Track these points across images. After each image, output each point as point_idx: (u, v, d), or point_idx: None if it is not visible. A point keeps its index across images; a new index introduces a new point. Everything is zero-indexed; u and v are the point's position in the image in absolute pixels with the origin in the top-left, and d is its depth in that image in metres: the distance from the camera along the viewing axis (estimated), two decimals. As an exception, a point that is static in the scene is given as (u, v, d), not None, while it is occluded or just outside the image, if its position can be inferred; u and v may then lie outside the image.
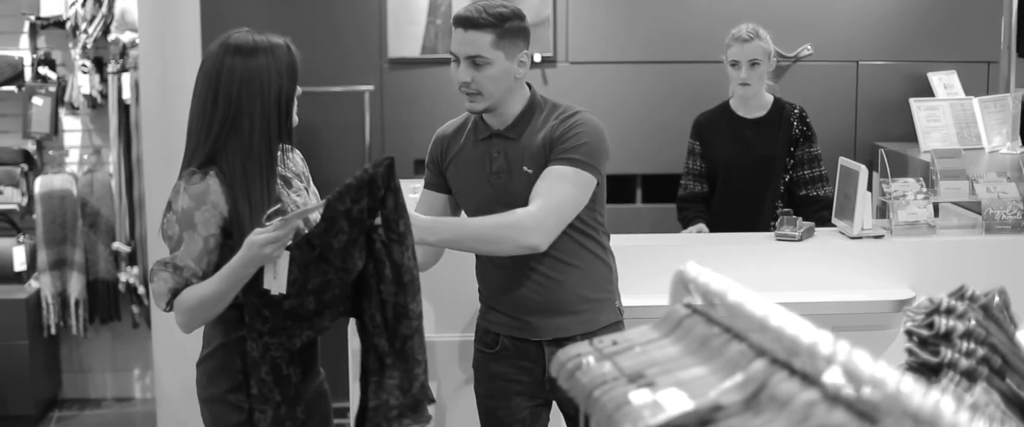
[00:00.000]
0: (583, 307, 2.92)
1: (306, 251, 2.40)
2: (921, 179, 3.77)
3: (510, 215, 2.78)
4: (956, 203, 3.93)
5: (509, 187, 2.87)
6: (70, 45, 5.38)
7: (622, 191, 5.28)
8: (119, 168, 5.36)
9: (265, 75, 2.50)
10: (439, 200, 3.01)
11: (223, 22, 5.00)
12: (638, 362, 1.33)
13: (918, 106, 4.76)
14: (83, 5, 5.30)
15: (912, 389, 1.05)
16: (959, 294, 1.76)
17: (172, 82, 4.35)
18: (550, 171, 2.80)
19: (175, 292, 2.47)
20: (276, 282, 2.40)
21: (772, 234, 3.69)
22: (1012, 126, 4.78)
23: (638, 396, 1.23)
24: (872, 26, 5.23)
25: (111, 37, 5.29)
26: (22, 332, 5.19)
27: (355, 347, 3.38)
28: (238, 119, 2.50)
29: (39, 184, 5.34)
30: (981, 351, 1.69)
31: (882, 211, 3.86)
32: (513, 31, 2.82)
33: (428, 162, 3.04)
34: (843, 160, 3.76)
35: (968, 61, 5.20)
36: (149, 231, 4.72)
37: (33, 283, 5.37)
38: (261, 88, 2.50)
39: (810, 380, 1.14)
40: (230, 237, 2.49)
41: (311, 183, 2.78)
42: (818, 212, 3.99)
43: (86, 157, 5.51)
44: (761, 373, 1.18)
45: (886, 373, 1.07)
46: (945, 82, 5.06)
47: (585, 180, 2.81)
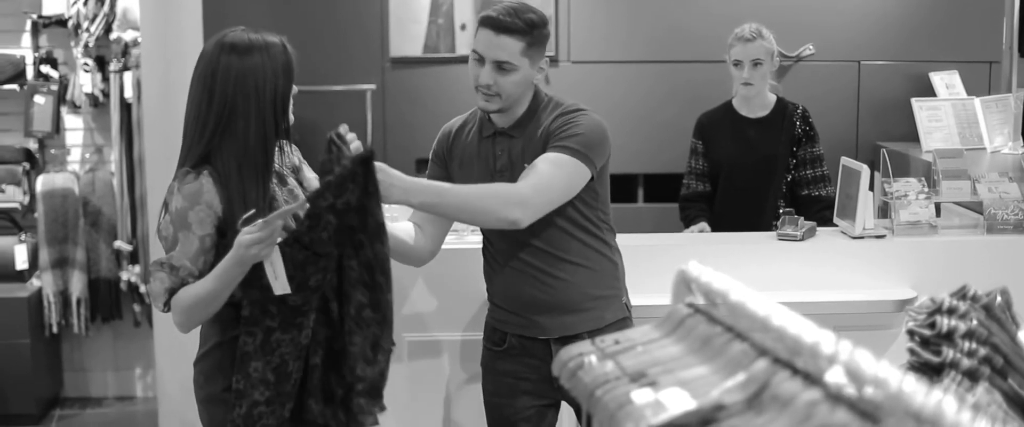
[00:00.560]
0: (589, 305, 2.92)
1: (297, 249, 2.40)
2: (923, 179, 3.77)
3: (496, 186, 2.76)
4: (958, 203, 3.93)
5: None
6: (72, 44, 5.39)
7: (624, 191, 5.28)
8: (121, 167, 5.37)
9: (260, 74, 2.50)
10: None
11: (225, 21, 5.00)
12: (640, 361, 1.33)
13: (920, 106, 4.76)
14: (85, 4, 5.30)
15: (914, 389, 1.05)
16: (961, 294, 1.76)
17: (174, 81, 4.34)
18: (543, 156, 2.79)
19: (172, 292, 2.47)
20: (277, 282, 2.41)
21: (774, 234, 3.69)
22: (1014, 126, 4.79)
23: (640, 395, 1.23)
24: (874, 26, 5.23)
25: (113, 36, 5.29)
26: (24, 331, 5.19)
27: None
28: (233, 118, 2.49)
29: (41, 183, 5.35)
30: (983, 351, 1.69)
31: (884, 211, 3.86)
32: (541, 39, 2.82)
33: (433, 156, 3.04)
34: (845, 160, 3.76)
35: (970, 61, 5.20)
36: (151, 230, 4.72)
37: (35, 282, 5.38)
38: (256, 87, 2.49)
39: (812, 380, 1.14)
40: (225, 236, 2.48)
41: (302, 171, 2.76)
42: (820, 212, 3.98)
43: (88, 156, 5.51)
44: (763, 373, 1.18)
45: (888, 373, 1.07)
46: (947, 82, 5.06)
47: (576, 168, 2.78)
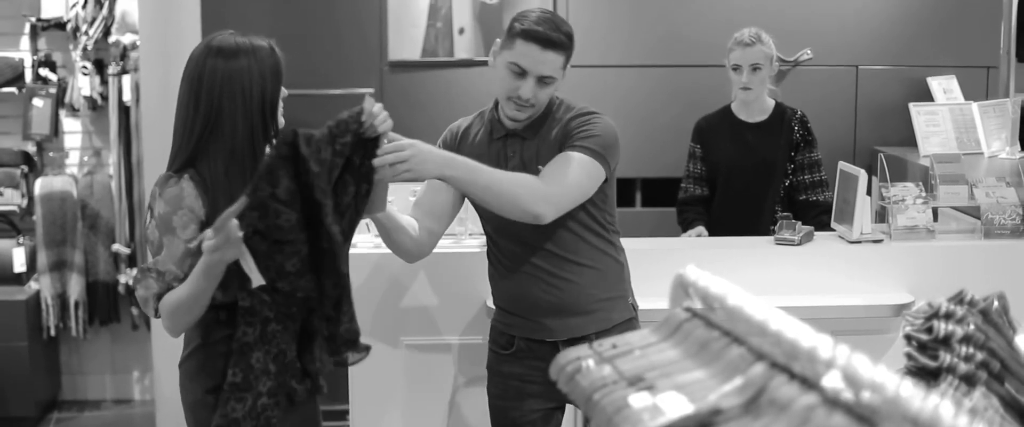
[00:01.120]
0: (596, 306, 2.92)
1: (259, 241, 2.37)
2: (920, 184, 3.77)
3: (527, 178, 2.76)
4: (955, 208, 3.93)
5: None
6: (71, 47, 5.39)
7: (622, 195, 5.27)
8: (119, 170, 5.37)
9: (247, 77, 2.50)
10: (442, 189, 2.96)
11: (223, 24, 5.00)
12: (638, 365, 1.33)
13: (917, 111, 4.76)
14: (84, 7, 5.30)
15: (911, 393, 1.05)
16: (958, 298, 1.76)
17: (172, 84, 4.29)
18: (564, 155, 2.79)
19: (160, 297, 2.45)
20: (253, 276, 2.38)
21: (772, 238, 3.69)
22: (1011, 131, 4.79)
23: (638, 399, 1.23)
24: (872, 31, 5.24)
25: (112, 39, 5.30)
26: (22, 333, 5.19)
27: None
28: (219, 121, 2.49)
29: (39, 186, 5.35)
30: (980, 355, 1.70)
31: (881, 215, 3.87)
32: (573, 49, 2.85)
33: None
34: (842, 164, 3.76)
35: (967, 66, 5.20)
36: (149, 233, 4.71)
37: (33, 285, 5.37)
38: (243, 90, 2.49)
39: (809, 384, 1.14)
40: None
41: None
42: (817, 217, 3.98)
43: (86, 159, 5.51)
44: (760, 377, 1.18)
45: (885, 377, 1.07)
46: (944, 87, 5.06)
47: (595, 169, 2.80)
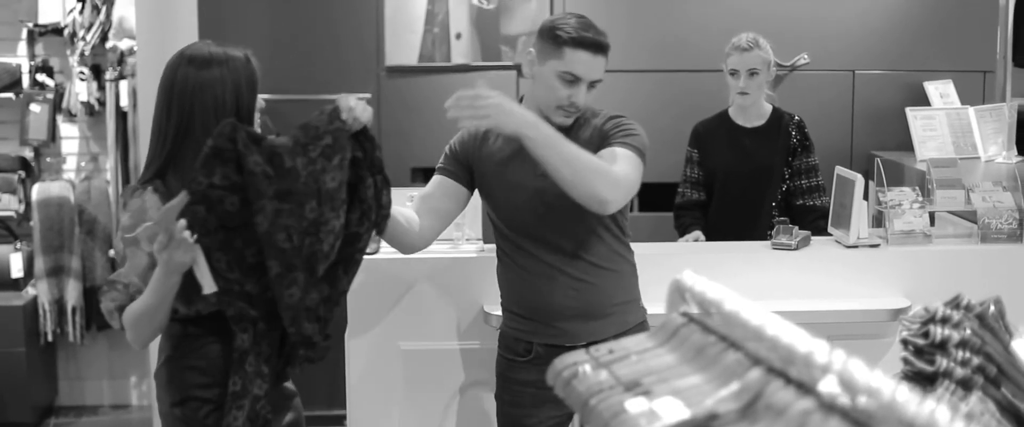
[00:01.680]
0: (614, 310, 2.93)
1: (211, 238, 2.34)
2: (917, 188, 3.77)
3: (599, 161, 2.73)
4: (952, 212, 3.93)
5: (556, 187, 2.84)
6: (68, 52, 5.39)
7: (619, 199, 5.28)
8: (116, 175, 5.36)
9: (219, 87, 2.48)
10: (451, 187, 2.97)
11: (221, 30, 5.02)
12: (634, 370, 1.33)
13: (914, 115, 4.76)
14: (81, 12, 5.30)
15: (908, 398, 1.05)
16: (955, 303, 1.77)
17: (170, 89, 4.35)
18: (610, 150, 2.79)
19: (122, 309, 2.44)
20: (205, 281, 2.36)
21: (768, 243, 3.69)
22: (1008, 135, 4.79)
23: (634, 405, 1.23)
24: (868, 35, 5.24)
25: (109, 44, 5.30)
26: (19, 339, 5.19)
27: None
28: (191, 131, 2.47)
29: (36, 191, 5.34)
30: (976, 360, 1.70)
31: (878, 220, 3.87)
32: None
33: (455, 150, 3.00)
34: (839, 169, 3.76)
35: (964, 70, 5.20)
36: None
37: (30, 290, 5.37)
38: (215, 100, 2.47)
39: (806, 389, 1.14)
40: None
41: None
42: (814, 222, 3.98)
43: (83, 164, 5.51)
44: (757, 382, 1.18)
45: (882, 382, 1.07)
46: (941, 91, 5.06)
47: (640, 166, 2.83)
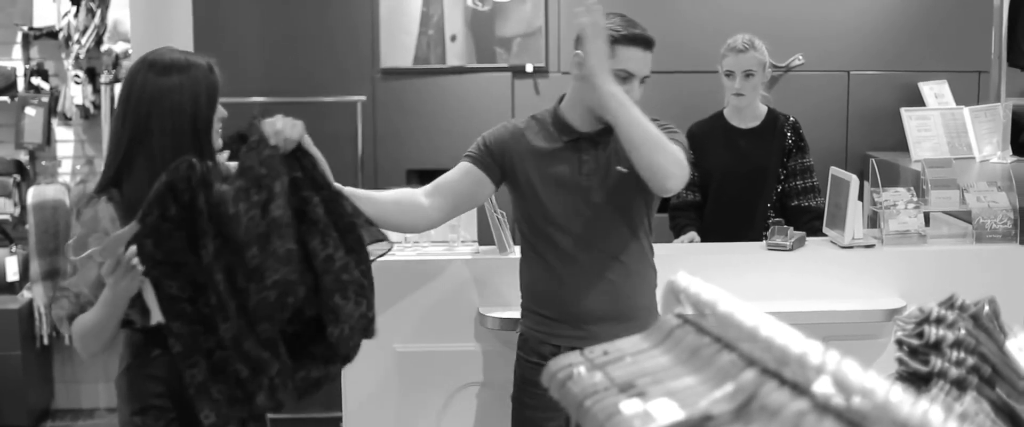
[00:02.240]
0: (638, 313, 2.95)
1: (161, 271, 2.28)
2: (912, 188, 3.78)
3: (670, 142, 2.81)
4: (947, 212, 3.94)
5: (602, 186, 2.87)
6: (63, 56, 5.38)
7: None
8: (112, 178, 5.36)
9: (177, 94, 2.42)
10: (478, 176, 2.97)
11: (216, 33, 5.02)
12: (629, 372, 1.33)
13: (909, 116, 4.77)
14: (76, 16, 5.30)
15: (901, 398, 1.05)
16: (949, 303, 1.77)
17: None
18: (670, 143, 2.84)
19: (72, 318, 2.39)
20: (153, 311, 2.33)
21: (763, 244, 3.70)
22: (1002, 135, 4.80)
23: (629, 406, 1.23)
24: (863, 36, 5.25)
25: (104, 48, 5.29)
26: (15, 342, 5.19)
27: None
28: (146, 138, 2.42)
29: (32, 194, 5.34)
30: (971, 360, 1.70)
31: (873, 220, 3.87)
32: None
33: (490, 144, 2.99)
34: (834, 170, 3.76)
35: (959, 71, 5.22)
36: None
37: (26, 293, 5.37)
38: (172, 107, 2.42)
39: (800, 390, 1.14)
40: None
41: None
42: (809, 222, 3.99)
43: (78, 167, 5.51)
44: (751, 383, 1.18)
45: (876, 383, 1.07)
46: (936, 92, 5.07)
47: (687, 163, 2.88)
